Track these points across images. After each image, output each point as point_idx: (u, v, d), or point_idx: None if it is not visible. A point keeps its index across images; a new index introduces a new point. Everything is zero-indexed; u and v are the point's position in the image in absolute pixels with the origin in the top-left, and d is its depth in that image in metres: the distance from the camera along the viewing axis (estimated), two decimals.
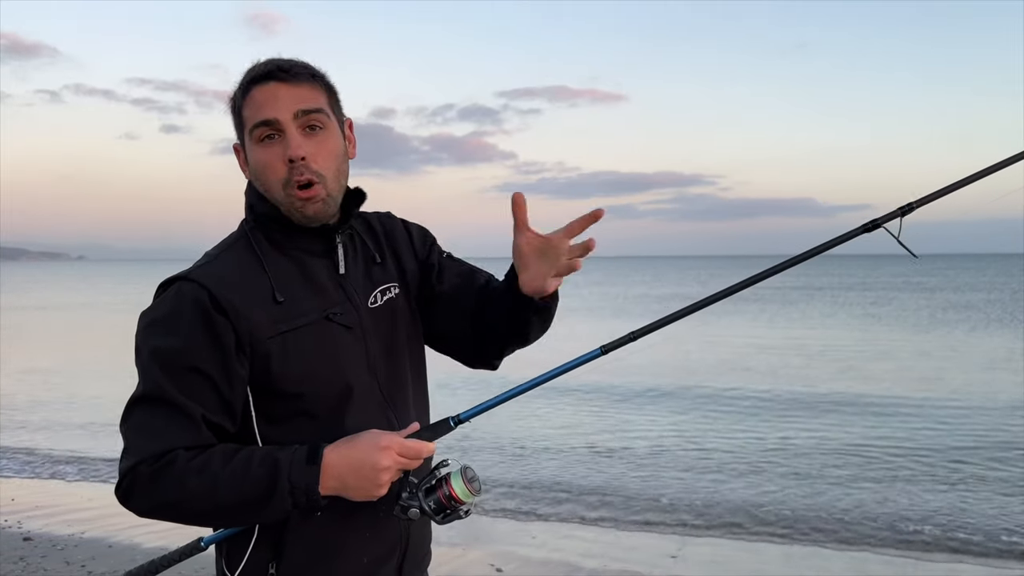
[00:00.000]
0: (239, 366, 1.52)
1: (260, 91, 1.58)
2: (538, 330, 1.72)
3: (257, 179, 1.61)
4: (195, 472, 1.44)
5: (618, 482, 8.49)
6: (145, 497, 1.48)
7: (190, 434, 1.48)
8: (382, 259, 1.74)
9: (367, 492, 1.48)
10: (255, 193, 1.64)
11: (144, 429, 1.49)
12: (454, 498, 1.51)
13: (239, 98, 1.61)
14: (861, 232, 1.69)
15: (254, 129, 1.57)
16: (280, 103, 1.56)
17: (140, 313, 1.58)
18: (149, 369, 1.50)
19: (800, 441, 10.20)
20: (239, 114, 1.62)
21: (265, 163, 1.57)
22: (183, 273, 1.56)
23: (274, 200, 1.60)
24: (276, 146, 1.57)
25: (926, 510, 7.32)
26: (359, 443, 1.48)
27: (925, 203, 1.72)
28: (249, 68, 1.62)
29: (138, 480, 1.47)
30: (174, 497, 1.46)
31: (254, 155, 1.59)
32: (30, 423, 12.01)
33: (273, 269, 1.59)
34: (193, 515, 1.51)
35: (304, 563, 1.57)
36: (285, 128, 1.56)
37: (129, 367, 1.55)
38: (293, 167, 1.55)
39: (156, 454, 1.46)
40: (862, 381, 15.13)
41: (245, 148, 1.63)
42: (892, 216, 1.69)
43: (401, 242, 1.79)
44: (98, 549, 6.12)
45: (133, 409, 1.51)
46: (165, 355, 1.50)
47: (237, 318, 1.51)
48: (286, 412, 1.56)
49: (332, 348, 1.59)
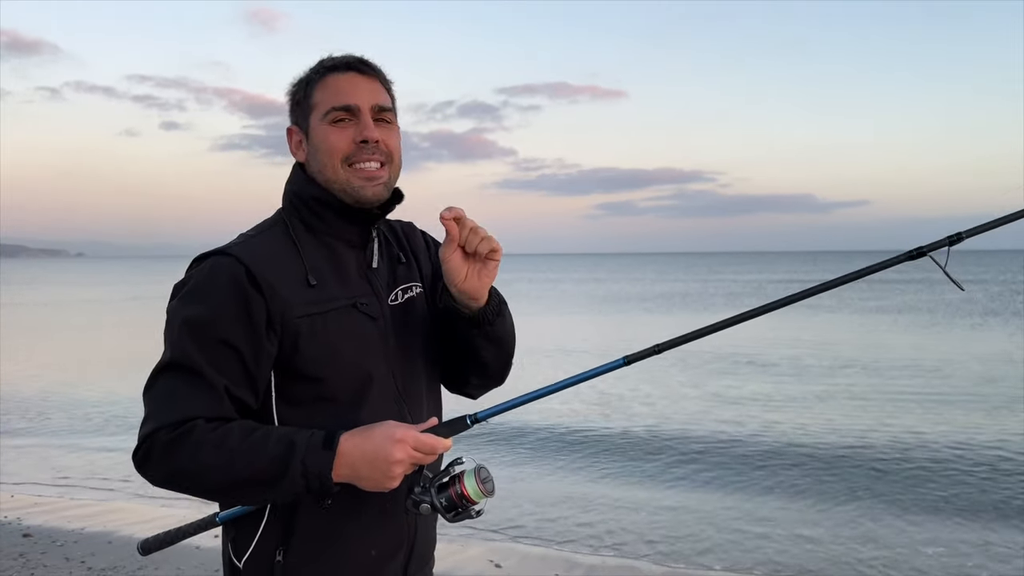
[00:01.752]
0: (268, 343, 1.55)
1: (339, 79, 1.66)
2: (493, 356, 1.74)
3: (318, 157, 1.65)
4: (212, 444, 1.46)
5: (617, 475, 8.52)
6: (161, 464, 1.49)
7: (212, 405, 1.50)
8: (406, 260, 1.79)
9: (379, 483, 1.49)
10: (302, 177, 1.69)
11: (167, 396, 1.51)
12: (466, 497, 1.51)
13: (312, 81, 1.68)
14: (905, 259, 1.68)
15: (331, 112, 1.64)
16: (360, 93, 1.66)
17: (174, 285, 1.62)
18: (178, 338, 1.53)
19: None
20: (308, 97, 1.68)
21: (334, 142, 1.63)
22: (220, 248, 1.60)
23: (329, 179, 1.64)
24: (348, 128, 1.64)
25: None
26: (375, 434, 1.49)
27: (974, 234, 1.69)
28: (326, 57, 1.70)
29: (155, 446, 1.48)
30: (189, 466, 1.47)
31: (323, 134, 1.64)
32: (32, 416, 12.03)
33: (307, 254, 1.63)
34: (206, 487, 1.52)
35: (311, 553, 1.59)
36: (361, 115, 1.65)
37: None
38: (364, 147, 1.63)
39: (176, 422, 1.48)
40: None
41: (309, 129, 1.68)
42: (939, 245, 1.67)
43: (420, 250, 1.85)
44: (98, 545, 6.12)
45: (158, 376, 1.53)
46: (195, 325, 1.53)
47: (272, 295, 1.54)
48: (306, 395, 1.59)
49: (357, 335, 1.62)
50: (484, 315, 1.67)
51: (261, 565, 1.58)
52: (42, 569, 5.58)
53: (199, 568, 5.39)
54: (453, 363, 1.79)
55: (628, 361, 1.61)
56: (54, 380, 15.90)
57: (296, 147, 1.72)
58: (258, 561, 1.59)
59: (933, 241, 1.68)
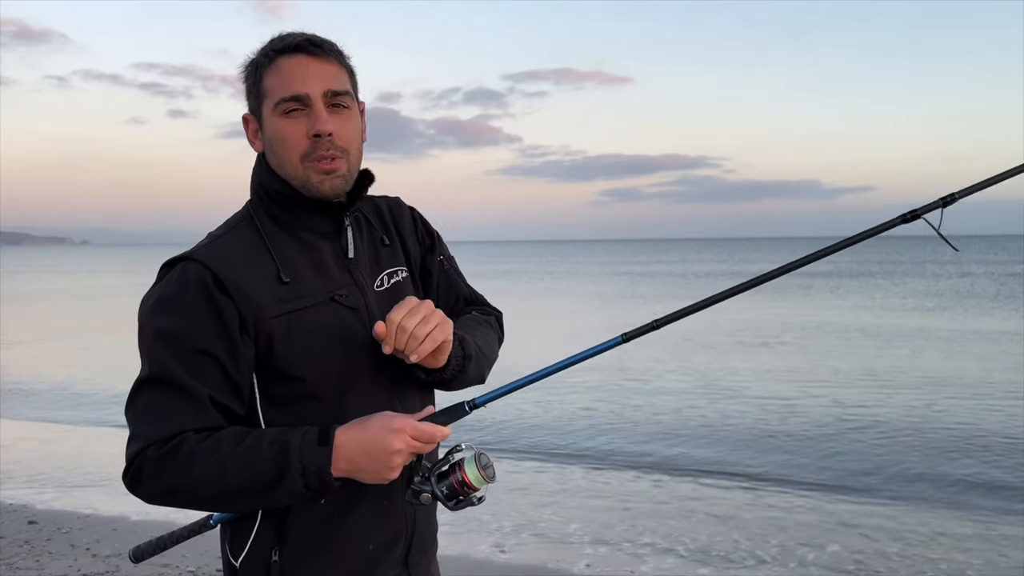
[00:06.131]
0: (244, 346, 1.49)
1: (289, 63, 1.55)
2: (465, 385, 1.68)
3: (274, 152, 1.58)
4: (204, 454, 1.42)
5: (619, 462, 8.52)
6: (154, 482, 1.45)
7: (198, 416, 1.45)
8: (390, 242, 1.73)
9: (379, 475, 1.45)
10: (265, 170, 1.61)
11: (151, 413, 1.46)
12: (467, 484, 1.49)
13: (262, 66, 1.57)
14: (899, 222, 1.67)
15: (281, 103, 1.54)
16: (310, 79, 1.55)
17: (143, 295, 1.55)
18: (154, 351, 1.47)
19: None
20: (259, 83, 1.58)
21: (286, 136, 1.55)
22: (186, 253, 1.54)
23: (288, 175, 1.57)
24: (300, 120, 1.54)
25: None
26: (371, 425, 1.45)
27: (967, 194, 1.70)
28: (276, 37, 1.58)
29: (146, 465, 1.43)
30: (183, 481, 1.43)
31: (275, 126, 1.56)
32: (37, 402, 12.08)
33: (278, 249, 1.56)
34: (203, 499, 1.48)
35: (308, 549, 1.55)
36: (313, 104, 1.54)
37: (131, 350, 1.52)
38: (318, 142, 1.54)
39: (164, 437, 1.43)
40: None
41: (261, 119, 1.59)
42: (933, 207, 1.66)
43: (407, 230, 1.78)
44: (103, 532, 6.15)
45: (139, 393, 1.48)
46: (170, 336, 1.47)
47: (240, 297, 1.48)
48: (290, 395, 1.54)
49: (337, 330, 1.57)
50: (442, 378, 1.61)
51: (258, 565, 1.55)
52: (47, 556, 5.61)
53: (204, 556, 5.40)
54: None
55: (626, 338, 1.58)
56: (60, 368, 15.93)
57: (253, 136, 1.62)
58: (255, 561, 1.55)
59: (926, 203, 1.68)
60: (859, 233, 1.70)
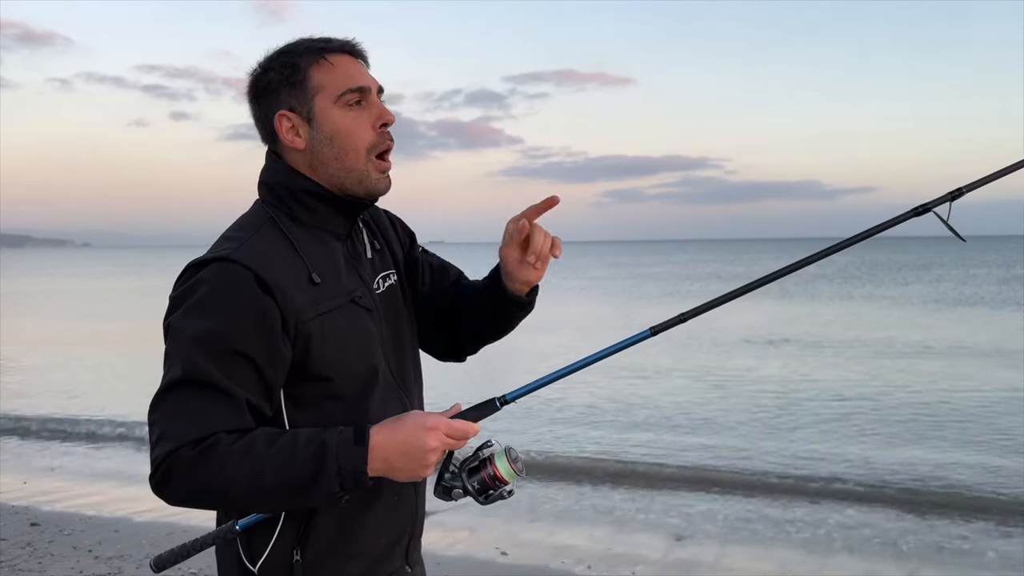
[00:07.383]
0: (284, 348, 1.49)
1: (340, 60, 1.58)
2: (517, 324, 1.81)
3: (333, 145, 1.57)
4: (239, 456, 1.40)
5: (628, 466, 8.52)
6: (184, 483, 1.42)
7: (233, 418, 1.44)
8: (380, 246, 1.76)
9: (414, 473, 1.46)
10: (285, 167, 1.60)
11: (183, 413, 1.43)
12: (499, 478, 1.52)
13: (307, 62, 1.57)
14: (911, 216, 1.69)
15: (345, 94, 1.56)
16: (364, 74, 1.60)
17: (171, 296, 1.52)
18: (189, 352, 1.44)
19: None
20: (304, 80, 1.57)
21: (352, 128, 1.56)
22: (221, 254, 1.50)
23: (349, 167, 1.57)
24: (364, 112, 1.57)
25: None
26: (405, 424, 1.46)
27: (975, 188, 1.72)
28: (312, 38, 1.60)
29: (177, 465, 1.41)
30: (216, 482, 1.41)
31: (337, 120, 1.56)
32: (39, 405, 12.08)
33: (305, 251, 1.56)
34: (234, 500, 1.47)
35: (329, 546, 1.57)
36: (372, 97, 1.59)
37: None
38: (384, 132, 1.58)
39: (198, 438, 1.41)
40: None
41: (313, 114, 1.57)
42: (941, 200, 1.69)
43: (389, 233, 1.81)
44: (105, 534, 6.15)
45: (168, 394, 1.45)
46: (207, 337, 1.44)
47: (283, 299, 1.48)
48: (314, 396, 1.55)
49: (359, 330, 1.59)
50: (532, 297, 1.73)
51: (279, 567, 1.55)
52: (49, 558, 5.61)
53: (205, 555, 5.39)
54: (470, 334, 1.83)
55: (655, 331, 1.60)
56: (62, 367, 15.96)
57: (290, 134, 1.58)
58: (275, 563, 1.55)
59: (935, 197, 1.71)
60: (873, 227, 1.72)
